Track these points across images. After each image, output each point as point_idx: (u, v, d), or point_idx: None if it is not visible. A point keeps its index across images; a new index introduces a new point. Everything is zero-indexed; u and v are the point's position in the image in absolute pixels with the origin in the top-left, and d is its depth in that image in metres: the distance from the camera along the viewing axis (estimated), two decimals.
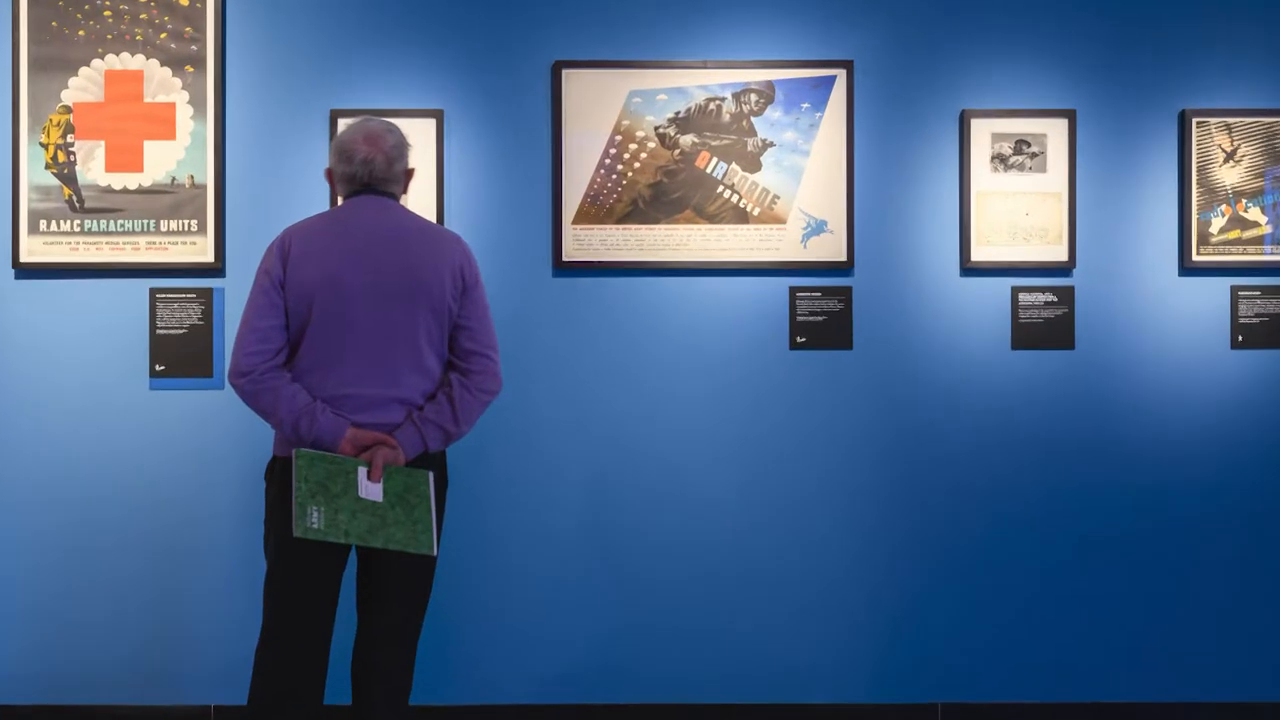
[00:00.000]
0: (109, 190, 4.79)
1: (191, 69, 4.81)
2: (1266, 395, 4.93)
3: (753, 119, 4.86)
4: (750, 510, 4.89)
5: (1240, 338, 4.93)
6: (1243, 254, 4.92)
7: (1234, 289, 4.93)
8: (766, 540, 4.89)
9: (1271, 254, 4.92)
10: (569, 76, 4.82)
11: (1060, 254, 4.87)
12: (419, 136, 4.69)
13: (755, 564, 4.89)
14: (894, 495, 4.90)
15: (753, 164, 4.85)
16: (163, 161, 4.80)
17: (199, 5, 4.82)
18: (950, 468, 4.89)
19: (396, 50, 4.84)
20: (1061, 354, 4.89)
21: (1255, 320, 4.93)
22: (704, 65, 4.84)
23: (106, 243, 4.77)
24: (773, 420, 4.87)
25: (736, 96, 4.86)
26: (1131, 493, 4.91)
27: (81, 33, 4.82)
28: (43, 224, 4.77)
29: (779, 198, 4.85)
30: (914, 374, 4.88)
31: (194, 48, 4.82)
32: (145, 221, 4.78)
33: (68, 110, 4.80)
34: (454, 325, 3.70)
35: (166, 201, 4.78)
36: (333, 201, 4.72)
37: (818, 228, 4.84)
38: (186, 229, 4.78)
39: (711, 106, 4.85)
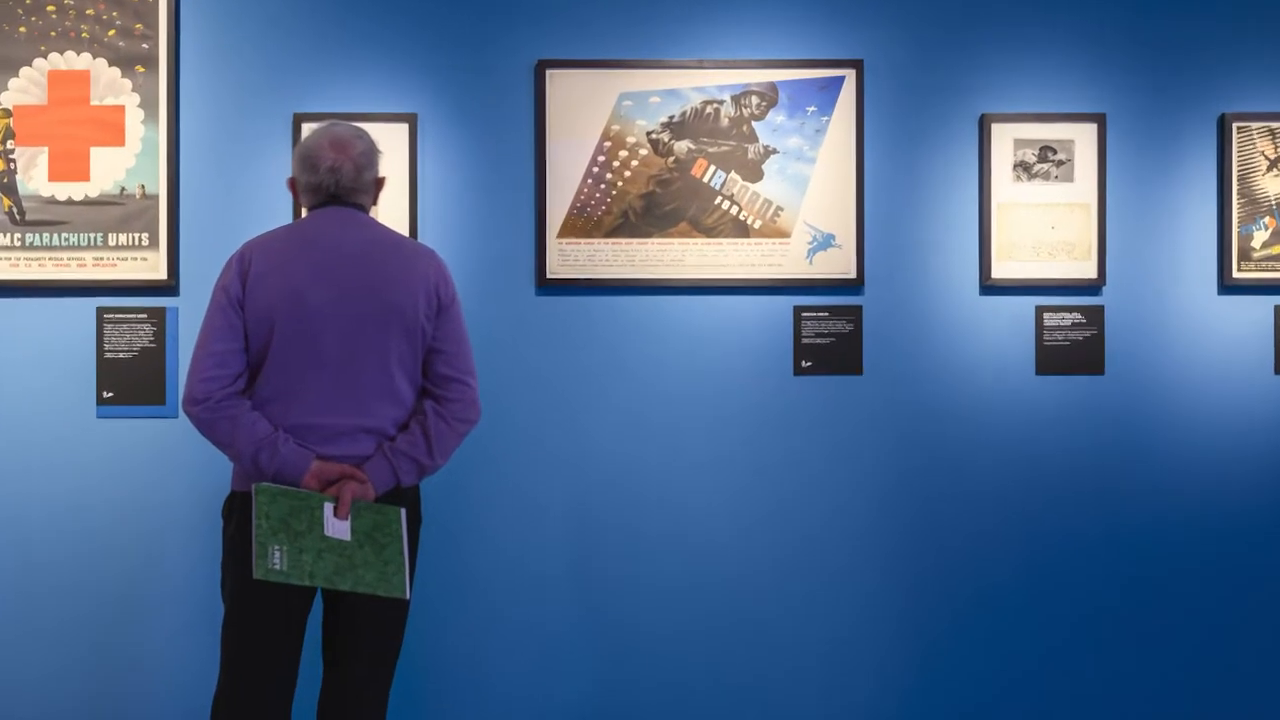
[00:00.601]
0: (52, 201, 4.81)
1: (142, 69, 4.84)
2: None
3: (754, 123, 4.91)
4: (751, 552, 4.92)
5: None
6: None
7: (1278, 309, 4.98)
8: (768, 585, 4.92)
9: None
10: (554, 77, 4.87)
11: (1089, 270, 4.92)
12: (390, 142, 4.72)
13: (756, 611, 4.92)
14: (908, 536, 4.93)
15: (754, 172, 4.90)
16: (111, 170, 4.82)
17: (150, 0, 4.86)
18: (969, 505, 4.93)
19: (366, 49, 4.88)
20: (1090, 380, 4.93)
21: None
22: (700, 65, 4.89)
23: (50, 258, 4.79)
24: (775, 453, 4.91)
25: (736, 99, 4.90)
26: (1167, 531, 4.95)
27: (22, 29, 4.85)
28: None
29: (782, 209, 4.90)
30: (930, 402, 4.92)
31: (145, 46, 4.84)
32: (92, 235, 4.80)
33: (7, 114, 4.82)
34: (428, 349, 3.72)
35: (115, 213, 4.80)
36: (296, 213, 4.76)
37: (824, 242, 4.89)
38: (137, 243, 4.80)
39: (709, 110, 4.90)
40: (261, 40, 4.88)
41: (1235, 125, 4.95)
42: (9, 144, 4.82)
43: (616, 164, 4.88)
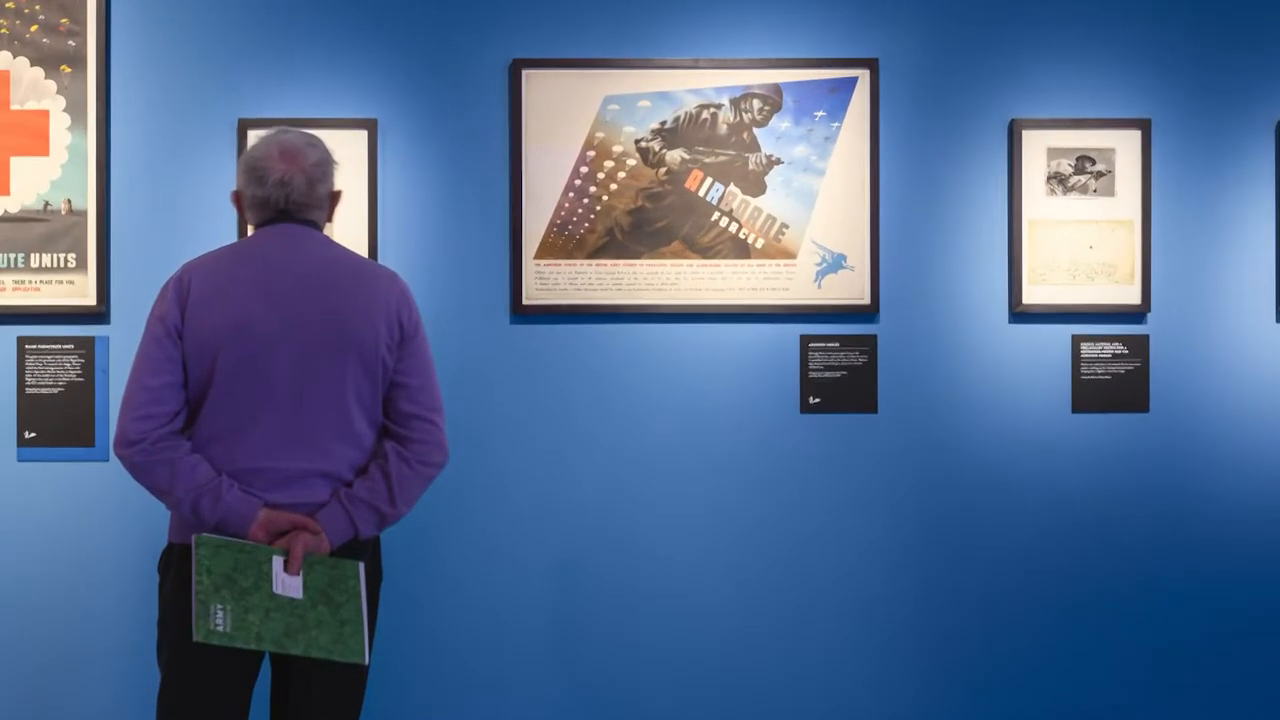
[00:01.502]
0: None
1: (69, 69, 4.87)
2: None
3: (755, 130, 4.98)
4: (750, 612, 4.97)
5: None
6: None
7: None
8: (768, 648, 4.97)
9: None
10: (530, 78, 4.93)
11: (1131, 295, 4.99)
12: (347, 152, 4.74)
13: (757, 678, 4.97)
14: (928, 594, 4.99)
15: (756, 185, 4.97)
16: (33, 182, 4.85)
17: None
18: (997, 559, 4.99)
19: (319, 47, 4.93)
20: (1133, 418, 4.99)
21: None
22: (696, 65, 4.95)
23: None
24: (779, 500, 4.97)
25: (736, 103, 4.97)
26: (1219, 589, 5.00)
27: None
28: None
29: (788, 226, 4.96)
30: (953, 443, 4.98)
31: (72, 43, 4.87)
32: (11, 256, 4.83)
33: None
34: (390, 383, 3.71)
35: (38, 231, 4.84)
36: (242, 231, 4.80)
37: (835, 263, 4.96)
38: (62, 264, 4.83)
39: (705, 115, 4.97)
40: (202, 37, 4.92)
41: None
42: None
43: (601, 176, 4.95)
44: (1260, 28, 5.05)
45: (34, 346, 4.84)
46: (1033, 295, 4.97)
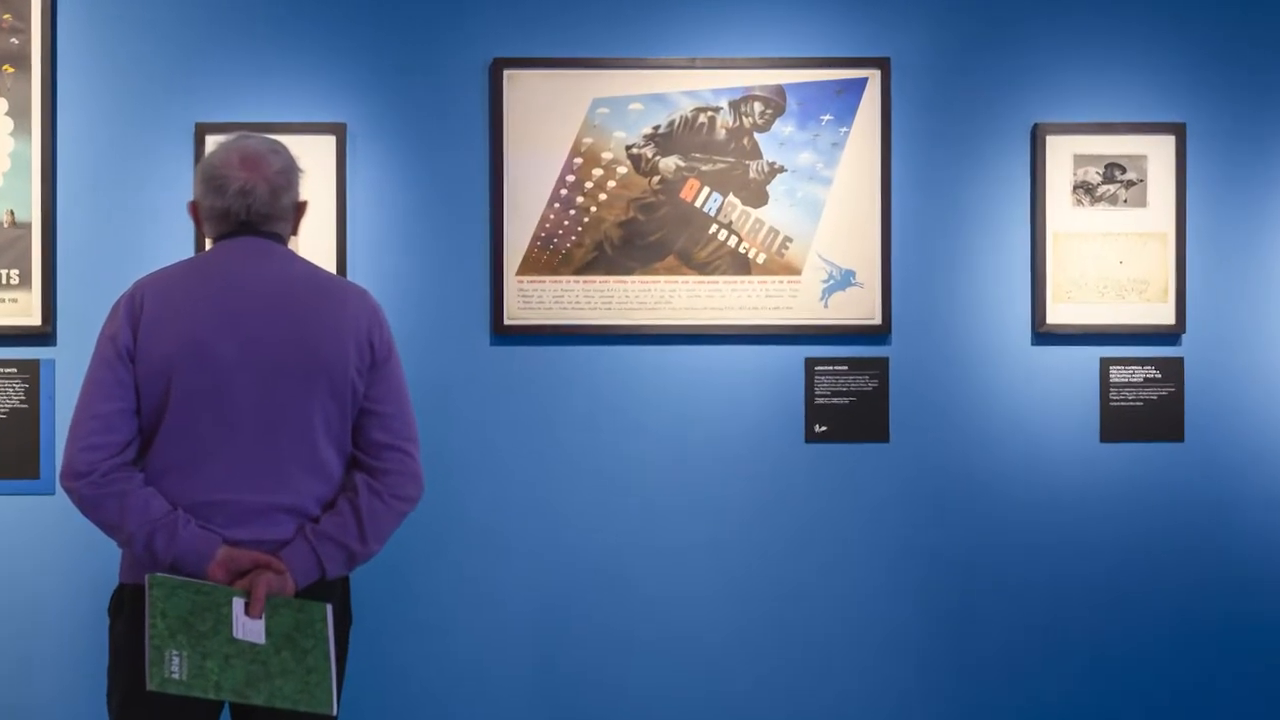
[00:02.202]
0: None
1: (11, 69, 4.90)
2: None
3: (757, 135, 5.02)
4: (754, 657, 5.00)
5: None
6: None
7: None
8: (774, 698, 5.00)
9: None
10: (513, 79, 4.98)
11: (1165, 315, 5.03)
12: (314, 159, 4.69)
13: None
14: (944, 637, 5.02)
15: (757, 195, 5.02)
16: None
17: None
18: (1018, 601, 5.02)
19: (284, 45, 4.98)
20: (1167, 448, 5.03)
21: None
22: (692, 64, 5.00)
23: None
24: (782, 537, 5.00)
25: (735, 106, 5.02)
26: (1261, 631, 5.03)
27: None
28: None
29: (791, 240, 5.01)
30: (970, 475, 5.02)
31: (15, 41, 4.90)
32: None
33: None
34: (360, 410, 3.70)
35: None
36: (199, 245, 4.84)
37: (843, 280, 5.00)
38: (5, 281, 4.85)
39: (702, 119, 5.02)
40: (156, 34, 4.96)
41: None
42: None
43: (589, 185, 5.00)
44: None
45: None
46: (1058, 315, 5.01)
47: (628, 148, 5.01)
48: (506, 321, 4.96)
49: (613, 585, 5.00)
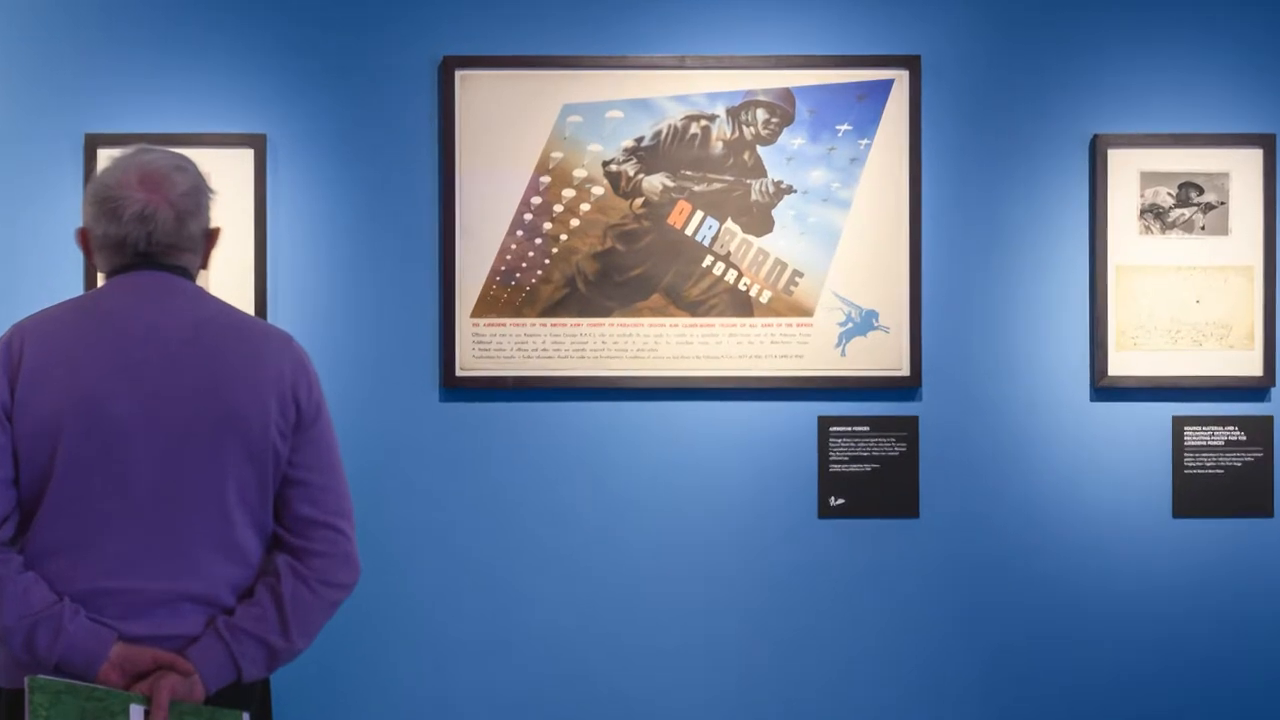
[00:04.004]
0: None
1: None
2: None
3: (760, 149, 5.05)
4: None
5: None
6: None
7: None
8: None
9: None
10: (466, 82, 5.01)
11: (1251, 364, 5.04)
12: (228, 176, 4.76)
13: None
14: None
15: (760, 221, 5.04)
16: None
17: None
18: (1072, 707, 5.03)
19: (191, 41, 5.01)
20: (1254, 525, 5.05)
21: None
22: (682, 64, 5.03)
23: None
24: (790, 635, 5.02)
25: (734, 113, 5.05)
26: None
27: None
28: None
29: (802, 275, 5.03)
30: (1016, 558, 5.03)
31: None
32: None
33: None
34: (283, 479, 3.68)
35: None
36: (90, 281, 4.86)
37: (864, 323, 5.03)
38: None
39: (694, 130, 5.04)
40: (38, 30, 5.00)
41: None
42: None
43: (559, 208, 5.02)
44: None
45: None
46: (1122, 364, 5.02)
47: (605, 164, 5.02)
48: (459, 372, 4.98)
49: (590, 689, 5.01)
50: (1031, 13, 5.10)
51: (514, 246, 5.02)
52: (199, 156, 3.90)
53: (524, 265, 5.02)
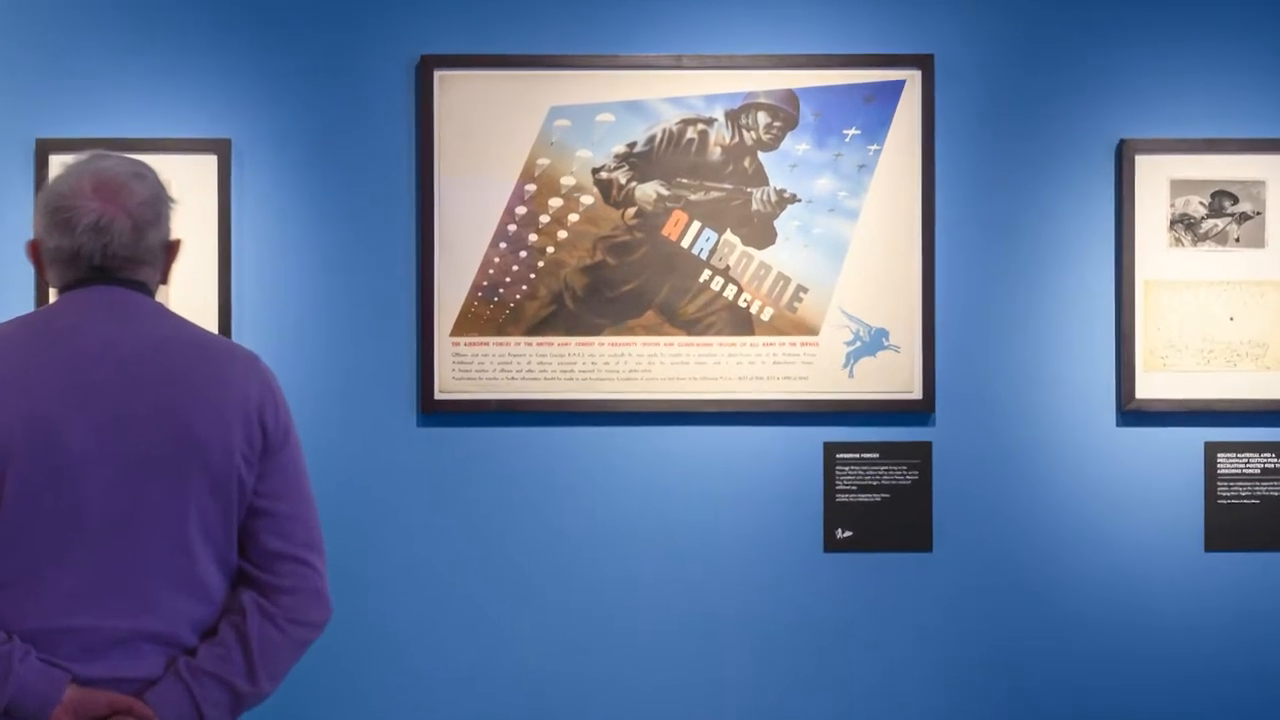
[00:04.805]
0: None
1: None
2: None
3: (761, 155, 5.08)
4: None
5: None
6: None
7: None
8: None
9: None
10: (446, 83, 5.04)
11: None
12: (190, 184, 4.82)
13: None
14: None
15: (762, 232, 5.07)
16: None
17: None
18: None
19: (151, 40, 5.04)
20: None
21: None
22: (678, 64, 5.05)
23: None
24: (795, 674, 5.03)
25: (734, 117, 5.07)
26: None
27: None
28: None
29: (806, 290, 5.05)
30: (1037, 593, 5.05)
31: None
32: None
33: None
34: (249, 510, 3.66)
35: None
36: (42, 297, 4.88)
37: (873, 342, 5.05)
38: None
39: (691, 134, 5.06)
40: None
41: None
42: None
43: (545, 219, 5.04)
44: None
45: None
46: (1150, 387, 5.04)
47: (595, 171, 5.05)
48: (438, 395, 5.00)
49: None
50: (1053, 8, 5.11)
51: (497, 260, 5.04)
52: (159, 163, 3.86)
53: (508, 280, 5.04)
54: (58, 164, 4.51)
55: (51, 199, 3.61)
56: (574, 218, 5.06)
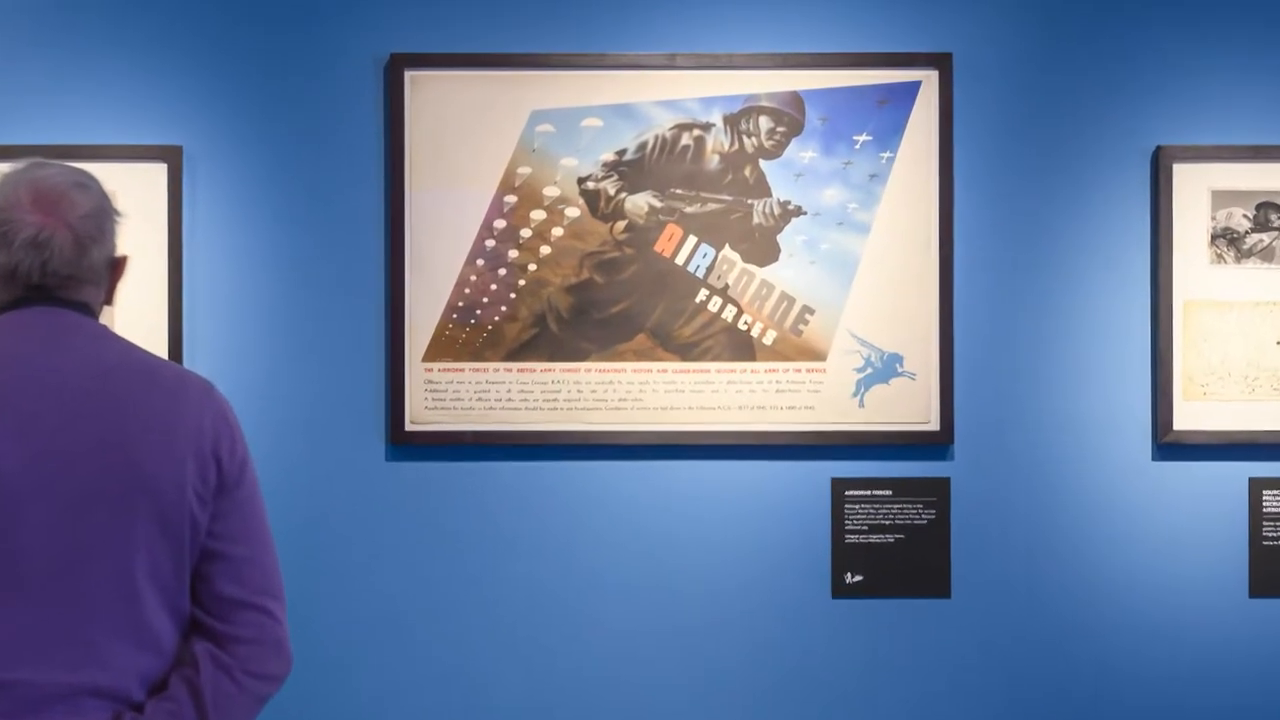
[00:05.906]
0: None
1: None
2: None
3: (764, 164, 5.11)
4: None
5: None
6: None
7: None
8: None
9: None
10: (418, 84, 5.07)
11: None
12: (138, 195, 4.85)
13: None
14: None
15: (764, 248, 5.10)
16: None
17: None
18: None
19: (95, 40, 5.09)
20: None
21: None
22: (671, 63, 5.08)
23: None
24: None
25: (733, 122, 5.11)
26: None
27: None
28: None
29: (813, 311, 5.08)
30: (1065, 643, 5.08)
31: None
32: None
33: None
34: (203, 552, 3.65)
35: None
36: None
37: (886, 368, 5.08)
38: None
39: (686, 140, 5.10)
40: None
41: None
42: None
43: (527, 233, 5.07)
44: None
45: None
46: (1189, 418, 5.07)
47: (581, 181, 5.08)
48: (409, 426, 5.02)
49: None
50: (1083, 4, 5.14)
51: (474, 278, 5.07)
52: (103, 172, 3.84)
53: (485, 300, 5.06)
54: None
55: None
56: (558, 232, 5.08)
